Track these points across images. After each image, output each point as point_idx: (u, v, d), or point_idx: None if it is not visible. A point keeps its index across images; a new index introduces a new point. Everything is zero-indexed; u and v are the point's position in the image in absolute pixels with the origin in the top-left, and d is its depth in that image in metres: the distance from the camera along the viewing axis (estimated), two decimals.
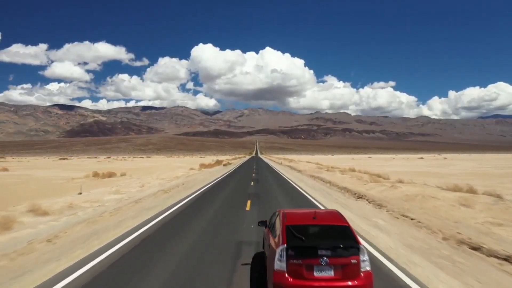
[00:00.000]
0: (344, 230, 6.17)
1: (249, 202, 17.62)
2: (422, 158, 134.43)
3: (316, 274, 5.68)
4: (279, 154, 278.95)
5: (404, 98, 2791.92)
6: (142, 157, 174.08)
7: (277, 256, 5.85)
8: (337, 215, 6.83)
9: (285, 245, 5.83)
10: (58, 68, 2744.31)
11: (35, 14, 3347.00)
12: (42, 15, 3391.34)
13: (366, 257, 5.90)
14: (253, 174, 40.49)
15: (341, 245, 5.78)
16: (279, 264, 5.79)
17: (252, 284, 6.92)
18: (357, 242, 5.93)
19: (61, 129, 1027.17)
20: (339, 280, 5.66)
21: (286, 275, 5.70)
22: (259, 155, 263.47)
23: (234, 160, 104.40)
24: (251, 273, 7.46)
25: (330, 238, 6.02)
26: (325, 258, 5.68)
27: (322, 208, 16.00)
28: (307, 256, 5.73)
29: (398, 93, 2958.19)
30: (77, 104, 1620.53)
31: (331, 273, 5.69)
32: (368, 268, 5.86)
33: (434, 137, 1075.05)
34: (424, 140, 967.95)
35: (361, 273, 5.76)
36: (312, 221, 6.46)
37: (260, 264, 7.63)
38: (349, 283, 5.66)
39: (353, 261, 5.74)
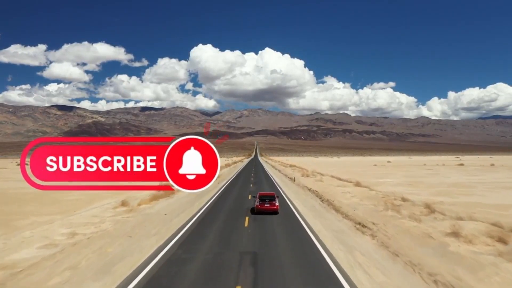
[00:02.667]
0: (273, 195, 23.75)
1: None
2: (462, 164, 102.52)
3: (265, 205, 22.38)
4: (280, 156, 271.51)
5: (404, 98, 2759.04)
6: None
7: (256, 200, 23.15)
8: (273, 193, 25.48)
9: (258, 198, 23.14)
10: (57, 69, 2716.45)
11: (34, 14, 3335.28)
12: (41, 16, 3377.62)
13: (277, 201, 23.02)
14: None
15: (271, 198, 23.03)
16: (257, 203, 22.84)
17: (251, 212, 23.16)
18: (276, 198, 23.34)
19: (59, 130, 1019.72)
20: (270, 207, 22.33)
21: (258, 205, 22.51)
22: (259, 157, 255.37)
23: (226, 168, 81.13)
24: (251, 210, 23.52)
25: (269, 197, 23.27)
26: (267, 201, 22.58)
27: None
28: (263, 200, 22.71)
29: (397, 93, 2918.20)
30: (76, 105, 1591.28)
31: (268, 205, 22.36)
32: (277, 204, 22.75)
33: (435, 137, 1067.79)
34: (424, 141, 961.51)
35: (275, 205, 22.53)
36: (266, 193, 24.52)
37: (252, 208, 23.83)
38: (272, 208, 22.35)
39: (273, 201, 22.65)
